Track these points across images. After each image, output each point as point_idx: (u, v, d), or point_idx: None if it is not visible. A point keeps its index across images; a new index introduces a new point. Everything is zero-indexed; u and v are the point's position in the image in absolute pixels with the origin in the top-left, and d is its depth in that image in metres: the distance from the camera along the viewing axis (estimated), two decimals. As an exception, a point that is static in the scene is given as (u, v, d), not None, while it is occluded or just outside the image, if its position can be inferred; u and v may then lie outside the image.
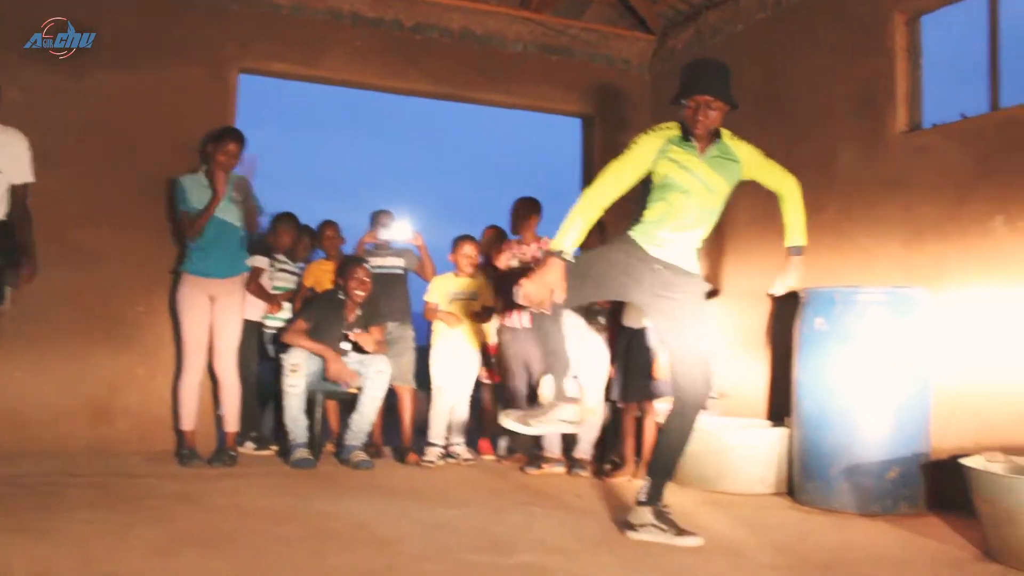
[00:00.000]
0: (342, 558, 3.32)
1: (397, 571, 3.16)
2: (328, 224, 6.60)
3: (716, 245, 6.26)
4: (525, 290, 3.49)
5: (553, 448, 5.72)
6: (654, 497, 3.81)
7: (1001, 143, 4.76)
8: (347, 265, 5.97)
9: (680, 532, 3.73)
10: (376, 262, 6.28)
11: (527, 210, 5.99)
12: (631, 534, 3.77)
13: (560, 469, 5.63)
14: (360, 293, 5.86)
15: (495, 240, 6.40)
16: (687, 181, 3.73)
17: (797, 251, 3.88)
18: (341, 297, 5.91)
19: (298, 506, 4.29)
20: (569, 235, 3.56)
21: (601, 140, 7.38)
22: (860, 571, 3.38)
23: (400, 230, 6.39)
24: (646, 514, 3.78)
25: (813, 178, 3.91)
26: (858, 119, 5.54)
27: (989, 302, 4.72)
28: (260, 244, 6.16)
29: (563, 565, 3.33)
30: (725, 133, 3.80)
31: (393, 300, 6.25)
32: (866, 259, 5.36)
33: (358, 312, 5.93)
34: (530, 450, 5.91)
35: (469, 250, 6.19)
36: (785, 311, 5.56)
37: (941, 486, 4.64)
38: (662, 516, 3.78)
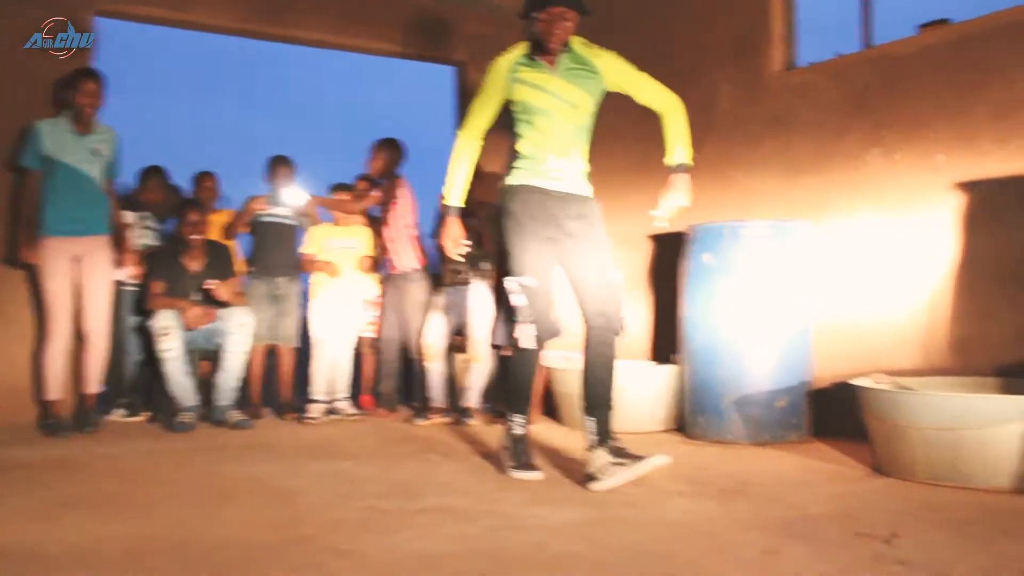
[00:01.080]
0: (243, 513, 3.15)
1: (305, 521, 3.02)
2: (206, 175, 6.25)
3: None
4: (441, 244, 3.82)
5: (440, 399, 5.62)
6: (604, 435, 3.60)
7: (874, 79, 4.88)
8: (179, 207, 5.70)
9: (639, 458, 3.51)
10: (265, 211, 6.01)
11: (375, 151, 5.87)
12: (596, 486, 3.44)
13: (447, 419, 5.54)
14: (195, 237, 5.56)
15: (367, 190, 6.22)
16: (545, 101, 3.63)
17: (680, 168, 3.57)
18: (180, 247, 5.61)
19: (183, 468, 4.08)
20: (453, 186, 3.77)
21: (476, 87, 7.23)
22: (766, 492, 3.42)
23: (293, 195, 6.07)
24: (602, 456, 3.52)
25: (695, 120, 3.81)
26: (737, 60, 5.61)
27: (867, 232, 4.86)
28: (127, 200, 5.81)
29: (476, 505, 3.24)
30: (576, 41, 3.63)
31: (282, 253, 6.00)
32: (748, 196, 5.46)
33: (206, 260, 5.62)
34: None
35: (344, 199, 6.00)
36: (664, 254, 5.64)
37: (824, 413, 4.78)
38: (619, 452, 3.54)
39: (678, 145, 3.58)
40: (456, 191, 3.77)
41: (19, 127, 5.37)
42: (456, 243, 3.79)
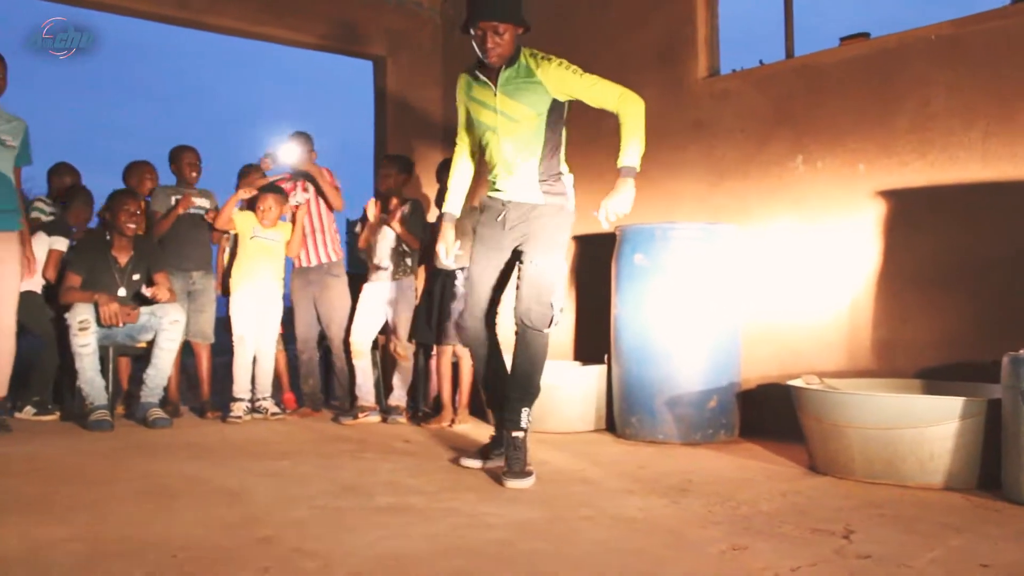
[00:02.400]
0: (195, 513, 3.05)
1: (262, 522, 2.94)
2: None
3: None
4: (438, 256, 4.00)
5: (368, 397, 5.56)
6: (513, 424, 3.70)
7: (798, 88, 5.02)
8: (115, 196, 5.46)
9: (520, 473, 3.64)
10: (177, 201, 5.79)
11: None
12: (524, 483, 3.51)
13: (375, 418, 5.48)
14: (131, 226, 5.36)
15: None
16: (488, 118, 3.67)
17: (627, 171, 3.48)
18: (108, 237, 5.40)
19: (117, 465, 3.93)
20: (451, 197, 3.94)
21: (394, 84, 7.17)
22: (714, 490, 3.49)
23: (288, 151, 5.73)
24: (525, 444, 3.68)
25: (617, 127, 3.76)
26: (660, 66, 5.68)
27: (790, 237, 5.00)
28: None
29: (432, 503, 3.22)
30: (525, 52, 3.59)
31: (197, 246, 5.81)
32: (673, 199, 5.54)
33: (132, 253, 5.42)
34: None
35: (273, 201, 5.85)
36: (589, 254, 5.67)
37: (750, 413, 4.90)
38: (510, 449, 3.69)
39: (625, 146, 3.50)
40: (449, 199, 3.97)
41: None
42: (448, 247, 3.96)
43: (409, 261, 5.52)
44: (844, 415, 3.66)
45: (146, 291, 5.37)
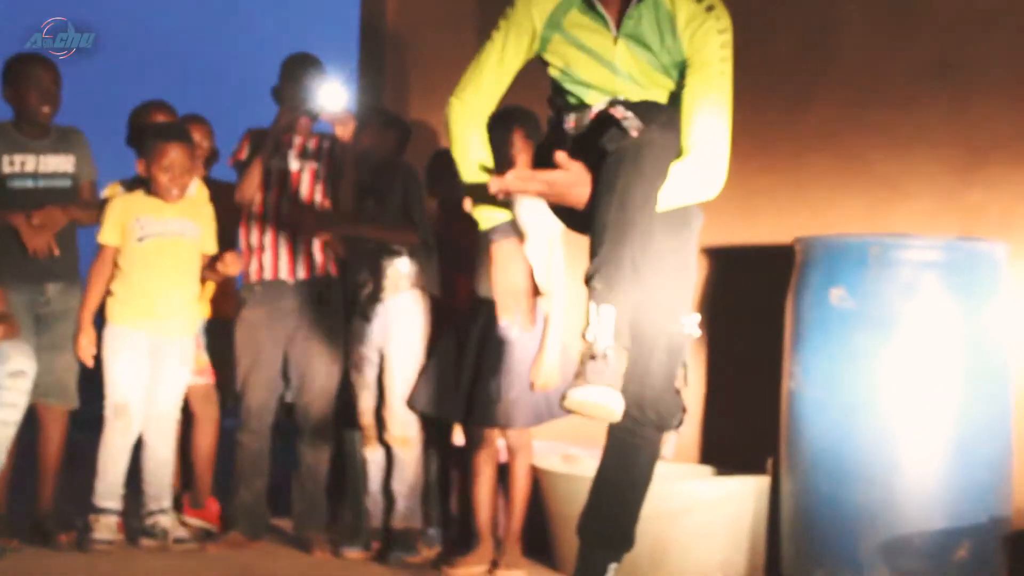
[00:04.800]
0: None
1: None
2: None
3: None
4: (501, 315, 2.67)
5: (378, 512, 3.77)
6: None
7: None
8: None
9: None
10: (7, 169, 3.89)
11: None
12: None
13: (365, 552, 3.75)
14: None
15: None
16: (595, 75, 2.66)
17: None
18: None
19: None
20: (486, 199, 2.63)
21: (396, 13, 5.33)
22: None
23: (334, 95, 3.91)
24: None
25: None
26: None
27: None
28: None
29: None
30: None
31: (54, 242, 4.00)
32: (889, 194, 3.96)
33: None
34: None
35: (177, 155, 3.84)
36: (727, 283, 4.21)
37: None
38: None
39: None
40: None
41: None
42: (519, 299, 2.67)
43: (402, 268, 3.80)
44: None
45: None
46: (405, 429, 3.64)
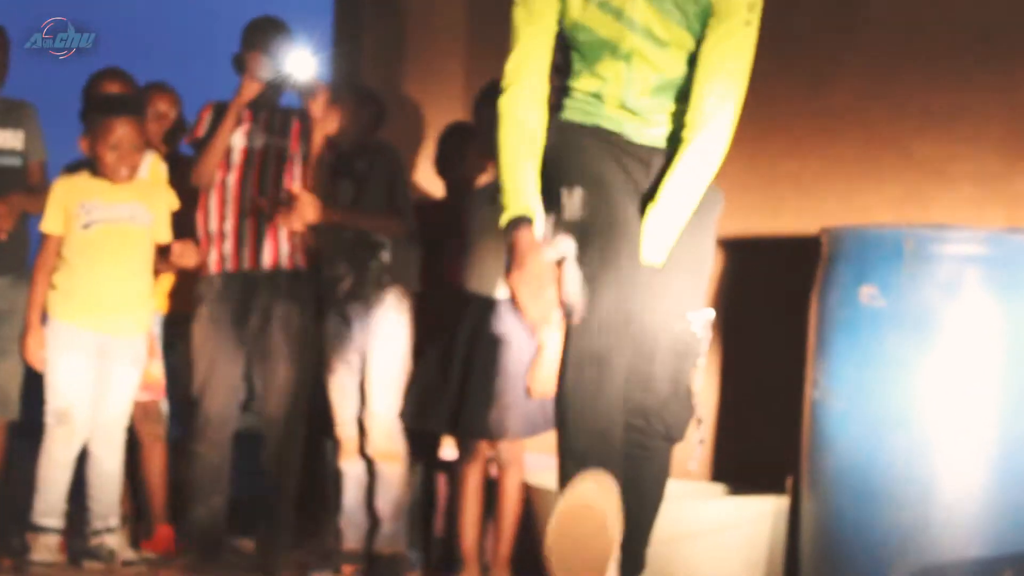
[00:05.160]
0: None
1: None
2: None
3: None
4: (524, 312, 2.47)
5: (358, 533, 3.57)
6: None
7: None
8: None
9: None
10: None
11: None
12: None
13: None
14: None
15: None
16: (613, 31, 2.61)
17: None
18: None
19: None
20: (522, 182, 2.52)
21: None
22: None
23: (303, 64, 3.75)
24: None
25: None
26: None
27: None
28: None
29: None
30: None
31: None
32: (925, 178, 3.83)
33: None
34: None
35: (125, 131, 3.62)
36: (743, 276, 4.08)
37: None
38: None
39: (660, 213, 2.49)
40: (522, 187, 2.78)
41: None
42: (546, 297, 2.54)
43: (386, 261, 3.65)
44: None
45: None
46: (391, 442, 3.44)
